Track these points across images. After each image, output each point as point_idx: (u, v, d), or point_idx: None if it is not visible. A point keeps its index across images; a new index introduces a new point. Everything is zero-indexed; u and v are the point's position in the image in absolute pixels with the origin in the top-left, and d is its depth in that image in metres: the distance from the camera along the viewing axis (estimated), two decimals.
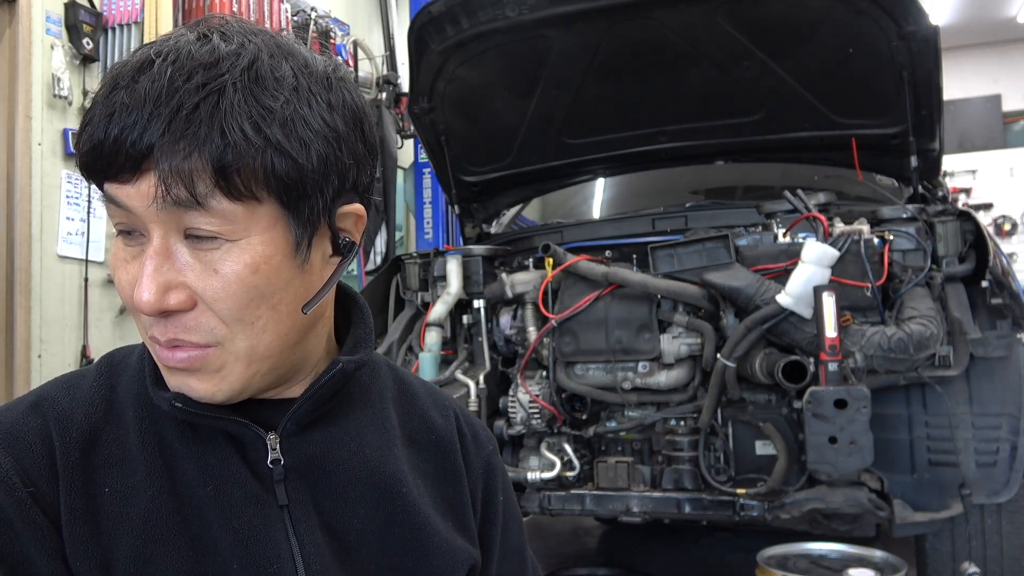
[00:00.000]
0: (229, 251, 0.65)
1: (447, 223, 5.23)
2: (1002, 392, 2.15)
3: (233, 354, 0.68)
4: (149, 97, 0.61)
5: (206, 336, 0.67)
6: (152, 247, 0.65)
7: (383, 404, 0.84)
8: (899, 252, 2.29)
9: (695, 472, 2.38)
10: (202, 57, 0.63)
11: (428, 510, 0.81)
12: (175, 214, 0.63)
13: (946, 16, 8.14)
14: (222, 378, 0.69)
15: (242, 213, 0.64)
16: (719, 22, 2.59)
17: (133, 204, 0.64)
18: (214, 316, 0.66)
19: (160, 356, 0.69)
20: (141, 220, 0.65)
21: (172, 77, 0.62)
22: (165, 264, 0.65)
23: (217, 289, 0.65)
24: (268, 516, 0.71)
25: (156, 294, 0.64)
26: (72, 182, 3.29)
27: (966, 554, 2.20)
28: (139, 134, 0.61)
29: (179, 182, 0.61)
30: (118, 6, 3.41)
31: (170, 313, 0.66)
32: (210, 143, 0.61)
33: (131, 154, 0.62)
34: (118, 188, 0.64)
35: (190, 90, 0.62)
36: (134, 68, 0.64)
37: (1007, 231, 7.33)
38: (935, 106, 2.63)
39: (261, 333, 0.68)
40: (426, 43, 2.77)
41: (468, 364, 2.68)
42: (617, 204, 3.71)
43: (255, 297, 0.67)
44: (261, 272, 0.66)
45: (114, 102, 0.62)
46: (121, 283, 0.69)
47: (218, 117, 0.61)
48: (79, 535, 0.66)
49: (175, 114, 0.61)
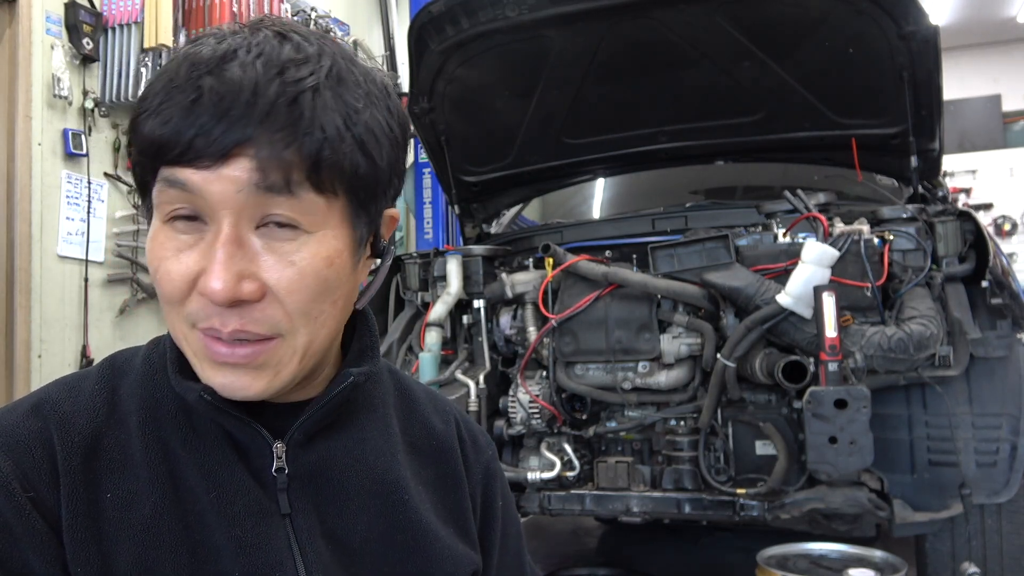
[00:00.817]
0: (306, 243, 0.66)
1: (447, 223, 5.23)
2: (1002, 392, 2.15)
3: (291, 349, 0.68)
4: (244, 86, 0.62)
5: (270, 329, 0.66)
6: (223, 235, 0.64)
7: (385, 410, 0.84)
8: (899, 252, 2.29)
9: (695, 472, 2.38)
10: (289, 54, 0.65)
11: (430, 517, 0.80)
12: (259, 201, 0.63)
13: (946, 16, 8.14)
14: (275, 374, 0.68)
15: (322, 207, 0.66)
16: (719, 22, 2.59)
17: (212, 189, 0.63)
18: (281, 308, 0.66)
19: (213, 351, 0.67)
20: (212, 206, 0.64)
21: (266, 69, 0.63)
22: (238, 253, 0.64)
23: (292, 280, 0.65)
24: (270, 525, 0.71)
25: (231, 283, 0.63)
26: (72, 182, 3.29)
27: (966, 554, 2.20)
28: (236, 120, 0.61)
29: (278, 169, 0.62)
30: (118, 6, 3.41)
31: (237, 304, 0.64)
32: (310, 136, 0.63)
33: (224, 140, 0.62)
34: (194, 172, 0.63)
35: (287, 83, 0.63)
36: (217, 57, 0.63)
37: (1007, 231, 7.33)
38: (935, 106, 2.63)
39: (320, 328, 0.69)
40: (426, 43, 2.77)
41: (468, 364, 2.68)
42: (617, 204, 3.71)
43: (324, 291, 0.67)
44: (334, 266, 0.67)
45: (200, 87, 0.62)
46: (171, 274, 0.66)
47: (316, 111, 0.63)
48: (80, 541, 0.65)
49: (273, 104, 0.62)
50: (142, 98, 0.66)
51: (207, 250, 0.64)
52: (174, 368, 0.71)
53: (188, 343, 0.69)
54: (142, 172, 0.67)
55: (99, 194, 3.40)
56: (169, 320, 0.69)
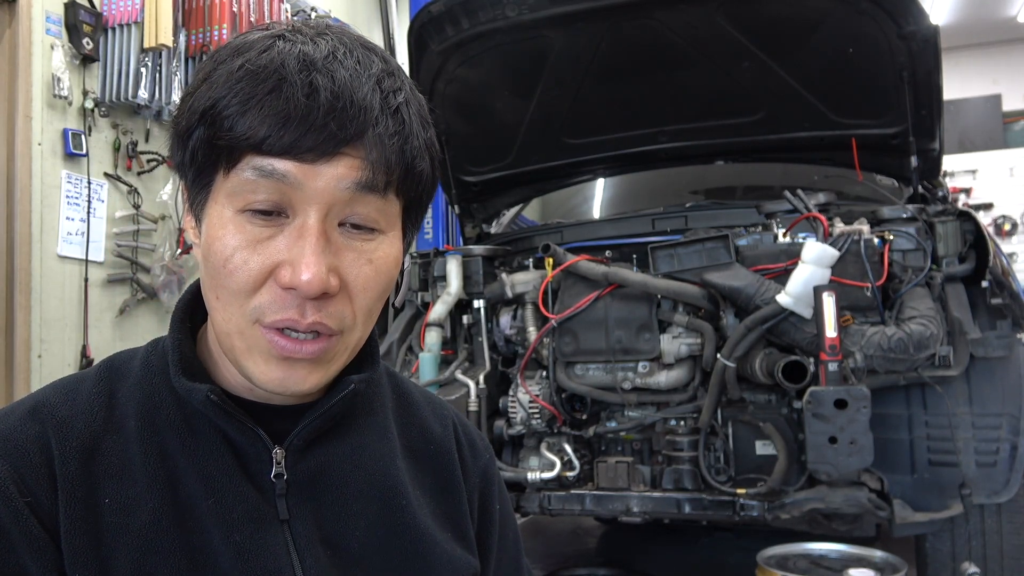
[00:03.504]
0: (382, 243, 0.69)
1: (447, 223, 5.23)
2: (1002, 392, 2.15)
3: (345, 344, 0.70)
4: (356, 88, 0.64)
5: (338, 324, 0.68)
6: (312, 228, 0.65)
7: (384, 415, 0.84)
8: (899, 252, 2.29)
9: (695, 472, 2.38)
10: (380, 65, 0.68)
11: (428, 521, 0.80)
12: (353, 199, 0.66)
13: (946, 16, 8.13)
14: (327, 369, 0.70)
15: (396, 209, 0.70)
16: (719, 22, 2.59)
17: (313, 184, 0.64)
18: (350, 305, 0.68)
19: (280, 346, 0.67)
20: (306, 199, 0.65)
21: (372, 73, 0.66)
22: (327, 247, 0.66)
23: (369, 278, 0.68)
24: (269, 531, 0.71)
25: (324, 274, 0.64)
26: (72, 182, 3.29)
27: (966, 554, 2.20)
28: (350, 120, 0.63)
29: (383, 171, 0.65)
30: (118, 6, 3.41)
31: (319, 297, 0.66)
32: (408, 144, 0.67)
33: (339, 136, 0.63)
34: (295, 165, 0.64)
35: (385, 92, 0.66)
36: (322, 57, 0.65)
37: (1007, 231, 7.32)
38: (935, 106, 2.63)
39: (370, 327, 0.73)
40: (426, 43, 2.78)
41: (468, 364, 2.68)
42: (617, 204, 3.71)
43: (387, 290, 0.71)
44: (398, 265, 0.71)
45: (313, 84, 0.63)
46: (248, 264, 0.65)
47: (412, 122, 0.68)
48: (78, 546, 0.65)
49: (381, 110, 0.65)
50: (220, 88, 0.64)
51: (291, 241, 0.65)
52: (176, 370, 0.71)
53: (244, 337, 0.68)
54: (214, 158, 0.66)
55: (99, 194, 3.40)
56: (224, 314, 0.68)
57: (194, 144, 0.66)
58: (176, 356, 0.72)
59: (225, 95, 0.64)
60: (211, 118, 0.64)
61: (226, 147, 0.64)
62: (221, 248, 0.66)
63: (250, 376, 0.69)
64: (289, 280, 0.64)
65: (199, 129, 0.65)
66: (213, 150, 0.65)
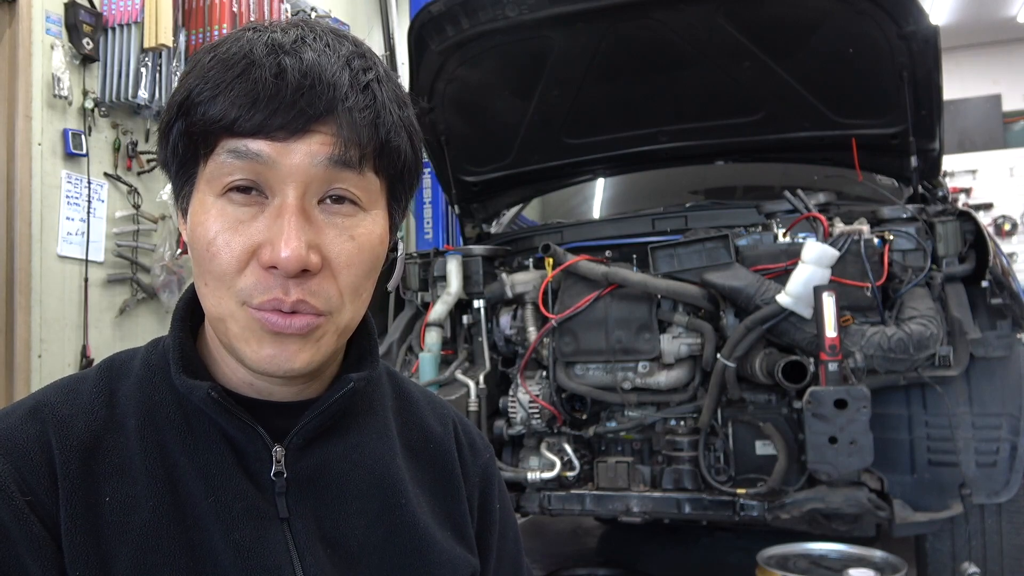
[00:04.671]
0: (363, 220, 0.70)
1: (447, 223, 5.23)
2: (1002, 392, 2.16)
3: (335, 325, 0.70)
4: (324, 67, 0.65)
5: (324, 303, 0.68)
6: (290, 206, 0.66)
7: (384, 414, 0.84)
8: (899, 252, 2.29)
9: (695, 472, 2.38)
10: (349, 48, 0.69)
11: (428, 520, 0.80)
12: (329, 175, 0.66)
13: (946, 16, 8.13)
14: (317, 349, 0.70)
15: (377, 187, 0.70)
16: (719, 22, 2.59)
17: (287, 161, 0.65)
18: (334, 283, 0.68)
19: (270, 322, 0.67)
20: (282, 177, 0.66)
21: (337, 57, 0.67)
22: (305, 223, 0.66)
23: (351, 254, 0.68)
24: (268, 529, 0.71)
25: (303, 250, 0.65)
26: (72, 182, 3.29)
27: (966, 554, 2.20)
28: (319, 98, 0.65)
29: (355, 146, 0.66)
30: (118, 6, 3.41)
31: (299, 275, 0.66)
32: (381, 120, 0.68)
33: (308, 113, 0.64)
34: (268, 145, 0.65)
35: (355, 71, 0.67)
36: (290, 41, 0.66)
37: (1007, 231, 7.32)
38: (935, 106, 2.63)
39: (361, 307, 0.73)
40: (426, 43, 2.78)
41: (468, 364, 2.68)
42: (617, 204, 3.71)
43: (372, 268, 0.71)
44: (383, 244, 0.72)
45: (281, 64, 0.64)
46: (230, 245, 0.66)
47: (384, 99, 0.69)
48: (79, 544, 0.65)
49: (350, 87, 0.66)
50: (193, 78, 0.67)
51: (270, 221, 0.66)
52: (178, 368, 0.71)
53: (235, 320, 0.68)
54: (193, 148, 0.67)
55: (99, 194, 3.39)
56: (213, 299, 0.69)
57: (174, 138, 0.68)
58: (177, 354, 0.72)
59: (197, 84, 0.66)
60: (186, 108, 0.66)
61: (201, 133, 0.66)
62: (204, 232, 0.67)
63: (243, 358, 0.69)
64: (269, 258, 0.65)
65: (178, 122, 0.68)
66: (191, 140, 0.67)
